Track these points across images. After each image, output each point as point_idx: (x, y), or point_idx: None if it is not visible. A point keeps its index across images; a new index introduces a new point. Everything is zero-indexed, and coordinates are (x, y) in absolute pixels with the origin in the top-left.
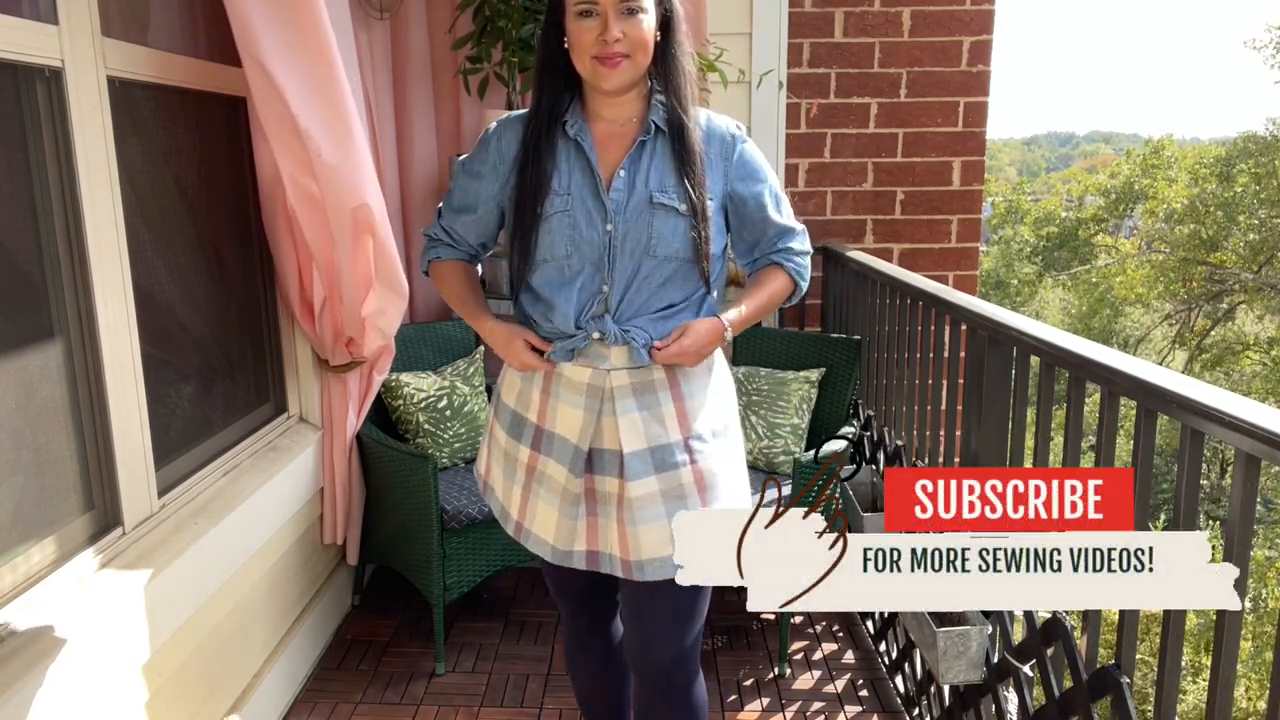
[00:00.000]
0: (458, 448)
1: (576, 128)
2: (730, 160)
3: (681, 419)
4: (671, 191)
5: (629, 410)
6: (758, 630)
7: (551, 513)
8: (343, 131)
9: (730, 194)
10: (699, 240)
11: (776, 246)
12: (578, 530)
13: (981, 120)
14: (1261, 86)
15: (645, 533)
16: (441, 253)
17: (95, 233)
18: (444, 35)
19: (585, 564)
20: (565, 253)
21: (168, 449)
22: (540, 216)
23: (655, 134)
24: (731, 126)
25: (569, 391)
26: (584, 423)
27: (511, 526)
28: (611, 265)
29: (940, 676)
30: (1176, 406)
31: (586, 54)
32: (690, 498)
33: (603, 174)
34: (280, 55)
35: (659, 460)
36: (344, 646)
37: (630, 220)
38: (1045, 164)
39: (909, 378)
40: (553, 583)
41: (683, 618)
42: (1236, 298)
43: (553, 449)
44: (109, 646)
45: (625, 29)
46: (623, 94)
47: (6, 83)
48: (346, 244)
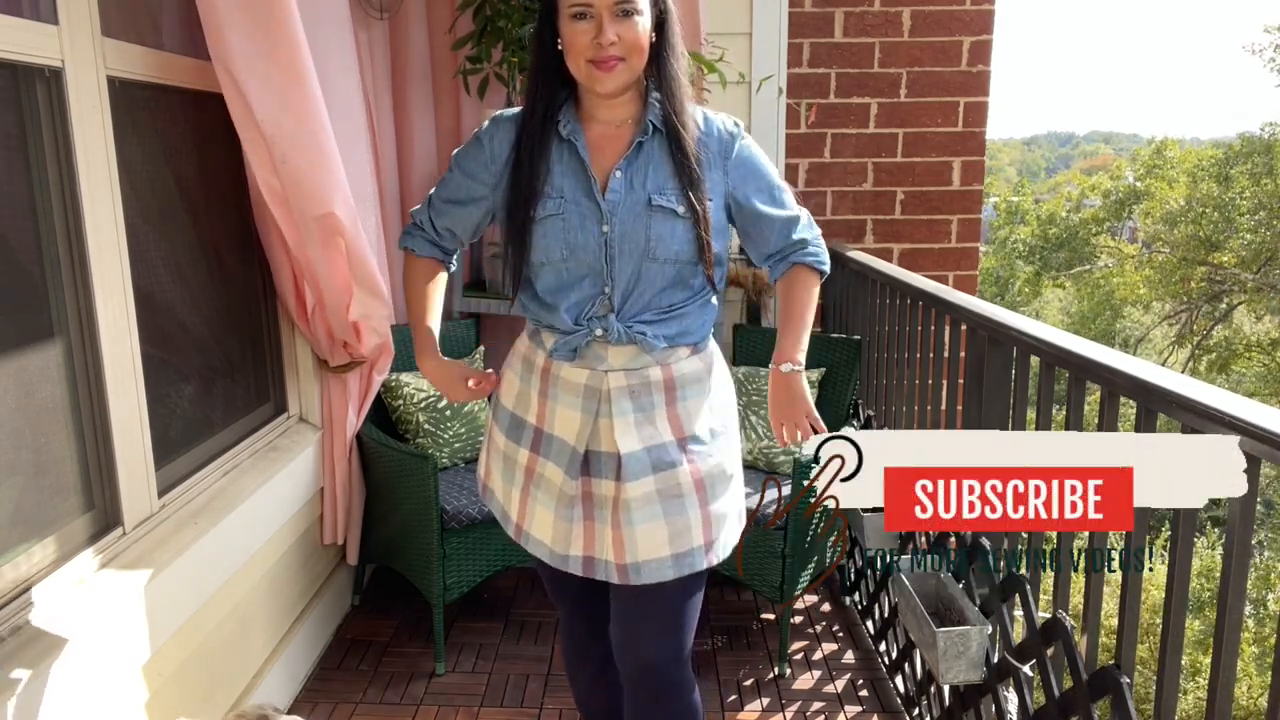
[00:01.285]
0: (458, 448)
1: (570, 128)
2: (729, 158)
3: (674, 421)
4: (670, 194)
5: (625, 412)
6: (758, 630)
7: (548, 515)
8: (308, 139)
9: (731, 194)
10: (701, 243)
11: (790, 241)
12: (573, 534)
13: (981, 120)
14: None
15: (642, 534)
16: (418, 246)
17: (95, 233)
18: (444, 35)
19: (581, 570)
20: (561, 256)
21: (168, 449)
22: (533, 219)
23: (653, 134)
24: (729, 124)
25: (566, 393)
26: (581, 424)
27: (512, 528)
28: (610, 267)
29: (940, 676)
30: (1176, 406)
31: (581, 57)
32: (688, 497)
33: (598, 176)
34: (246, 60)
35: (656, 460)
36: (344, 646)
37: (627, 222)
38: (1045, 164)
39: (909, 378)
40: (550, 586)
41: (672, 621)
42: (1236, 298)
43: (550, 451)
44: (109, 646)
45: (620, 31)
46: (618, 97)
47: (6, 83)
48: (318, 248)
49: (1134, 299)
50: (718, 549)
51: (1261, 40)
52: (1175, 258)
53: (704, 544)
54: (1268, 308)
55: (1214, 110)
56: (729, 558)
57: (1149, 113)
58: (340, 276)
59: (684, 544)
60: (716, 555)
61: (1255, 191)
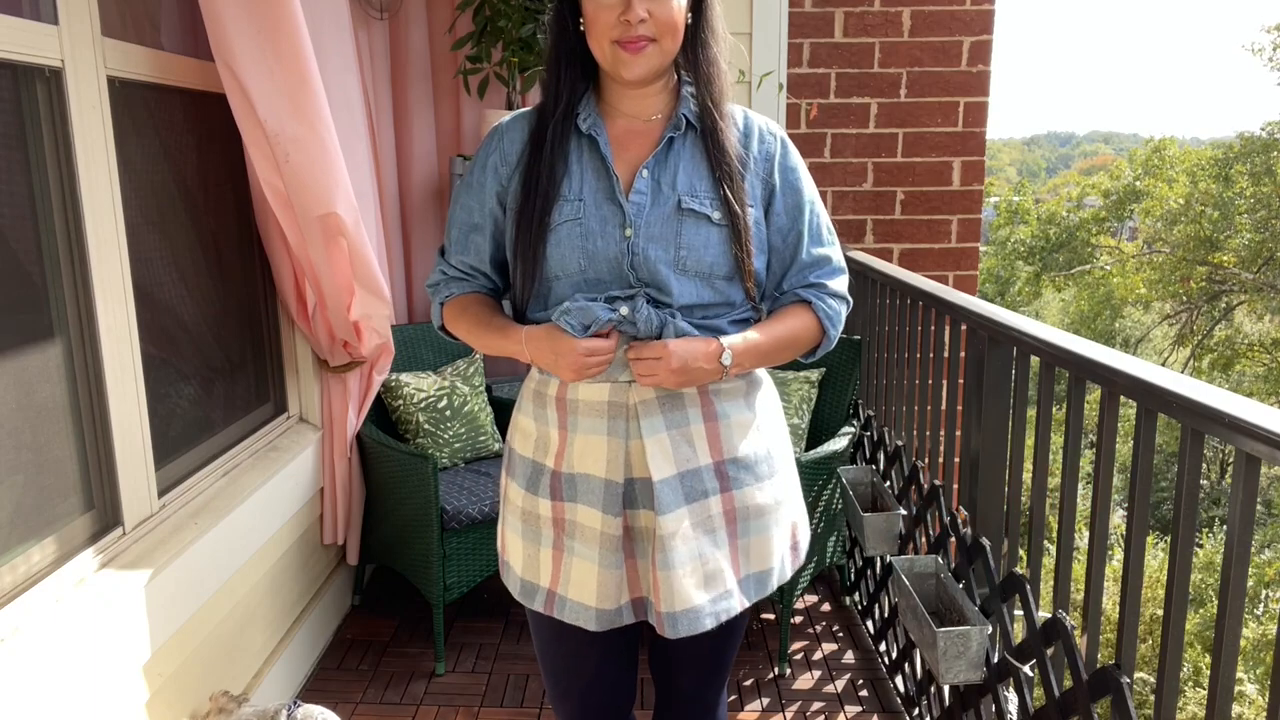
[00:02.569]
0: (458, 448)
1: (590, 121)
2: (773, 163)
3: (713, 440)
4: (704, 197)
5: (656, 430)
6: (758, 630)
7: (590, 568)
8: (311, 138)
9: (767, 204)
10: (740, 254)
11: (809, 280)
12: (623, 580)
13: (981, 120)
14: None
15: (677, 579)
16: (453, 289)
17: (95, 233)
18: (444, 35)
19: (634, 616)
20: (579, 267)
21: (168, 449)
22: (547, 227)
23: (686, 130)
24: (772, 125)
25: (588, 417)
26: (610, 451)
27: (541, 599)
28: (635, 274)
29: (940, 676)
30: (1176, 406)
31: (605, 37)
32: (718, 533)
33: (621, 175)
34: (249, 59)
35: (689, 489)
36: (344, 646)
37: (654, 228)
38: (1045, 164)
39: (909, 378)
40: (564, 671)
41: (713, 664)
42: (1236, 298)
43: (577, 493)
44: (109, 646)
45: (651, 8)
46: (646, 85)
47: (6, 83)
48: (320, 248)
49: (1134, 299)
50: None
51: (1262, 40)
52: (1175, 258)
53: (737, 582)
54: (1267, 307)
55: (1214, 110)
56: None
57: (1149, 113)
58: (342, 276)
59: (718, 586)
60: (748, 595)
61: (1255, 191)
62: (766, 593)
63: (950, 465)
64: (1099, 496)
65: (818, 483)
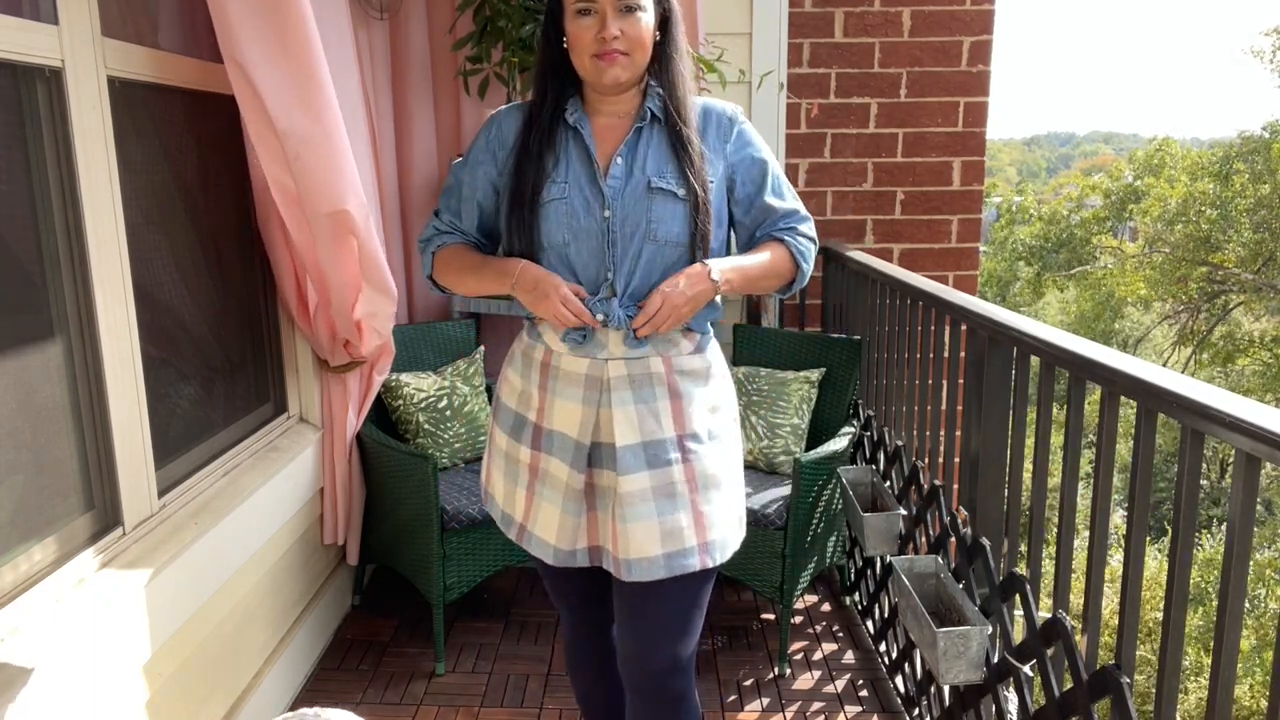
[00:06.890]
0: (458, 448)
1: (576, 116)
2: (729, 141)
3: (678, 416)
4: (670, 177)
5: (625, 403)
6: (758, 630)
7: (554, 511)
8: (322, 135)
9: (730, 176)
10: (697, 225)
11: (779, 225)
12: (580, 527)
13: (981, 120)
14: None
15: (634, 530)
16: (445, 239)
17: (95, 232)
18: (444, 35)
19: (588, 560)
20: (564, 240)
21: (168, 449)
22: (539, 204)
23: (651, 121)
24: (729, 108)
25: (567, 385)
26: (583, 416)
27: (514, 530)
28: (613, 251)
29: (940, 676)
30: (1176, 406)
31: (586, 52)
32: (681, 497)
33: (600, 161)
34: (260, 56)
35: (651, 456)
36: (344, 646)
37: (629, 206)
38: (1045, 164)
39: (909, 378)
40: (552, 587)
41: (678, 626)
42: (1236, 298)
43: (553, 447)
44: (109, 646)
45: (623, 26)
46: (622, 92)
47: (6, 83)
48: (329, 246)
49: (1134, 299)
50: (713, 551)
51: (1262, 43)
52: (1175, 257)
53: (698, 545)
54: (1267, 307)
55: (1214, 110)
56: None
57: (1149, 113)
58: (349, 273)
59: (676, 543)
60: (712, 558)
61: (1255, 191)
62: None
63: (950, 465)
64: (1099, 496)
65: (818, 483)
